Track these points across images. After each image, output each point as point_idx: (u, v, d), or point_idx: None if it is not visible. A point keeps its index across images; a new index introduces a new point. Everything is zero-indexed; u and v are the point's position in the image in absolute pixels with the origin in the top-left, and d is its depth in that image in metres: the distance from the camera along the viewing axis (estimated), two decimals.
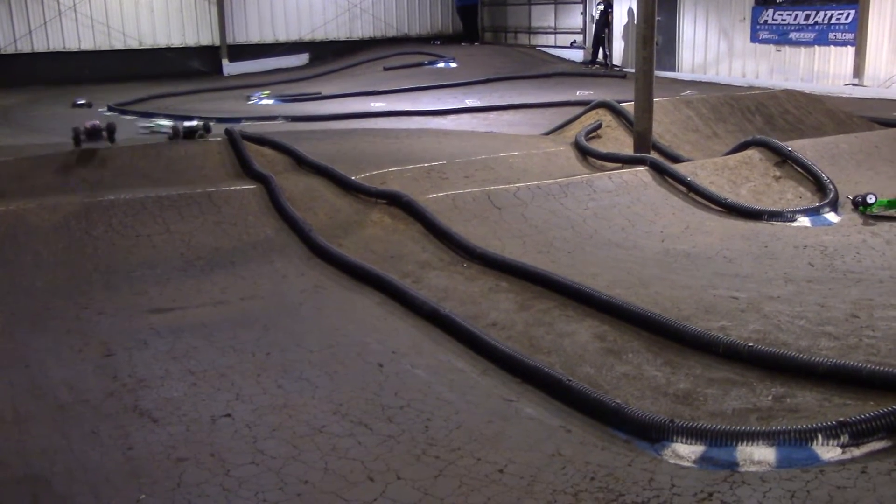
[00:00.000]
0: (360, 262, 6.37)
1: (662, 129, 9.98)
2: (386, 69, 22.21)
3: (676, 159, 9.36)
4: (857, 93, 16.59)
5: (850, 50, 17.22)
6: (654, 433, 3.95)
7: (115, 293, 6.08)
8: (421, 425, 4.12)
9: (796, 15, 16.56)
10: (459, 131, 12.12)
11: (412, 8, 27.18)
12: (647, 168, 8.37)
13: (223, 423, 4.21)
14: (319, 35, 25.96)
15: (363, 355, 4.96)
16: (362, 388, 4.55)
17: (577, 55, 22.77)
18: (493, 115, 14.56)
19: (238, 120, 14.15)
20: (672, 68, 19.79)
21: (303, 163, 8.83)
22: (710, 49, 19.04)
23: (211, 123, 10.63)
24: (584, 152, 9.55)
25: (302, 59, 25.54)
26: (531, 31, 25.37)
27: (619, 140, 10.00)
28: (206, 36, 24.72)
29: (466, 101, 16.05)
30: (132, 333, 5.36)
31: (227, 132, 9.53)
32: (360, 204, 7.59)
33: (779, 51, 16.95)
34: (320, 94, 18.60)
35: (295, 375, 4.74)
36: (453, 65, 22.12)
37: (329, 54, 25.54)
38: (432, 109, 15.04)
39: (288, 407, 4.38)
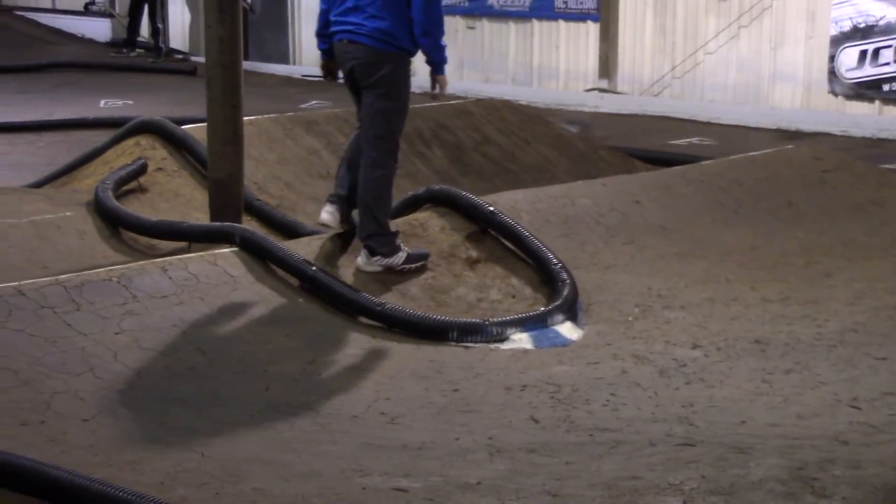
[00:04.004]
0: None
1: (265, 174, 7.56)
2: None
3: (293, 230, 6.78)
4: (607, 104, 12.23)
5: (593, 29, 12.41)
6: None
7: None
8: None
9: None
10: None
11: None
12: (235, 248, 6.04)
13: None
14: None
15: None
16: None
17: (102, 29, 17.11)
18: None
19: None
20: (285, 59, 15.19)
21: None
22: None
23: None
24: (114, 220, 6.87)
25: None
26: None
27: (182, 195, 7.42)
28: None
29: None
30: None
31: None
32: None
33: (472, 28, 13.11)
34: None
35: None
36: None
37: None
38: None
39: None
